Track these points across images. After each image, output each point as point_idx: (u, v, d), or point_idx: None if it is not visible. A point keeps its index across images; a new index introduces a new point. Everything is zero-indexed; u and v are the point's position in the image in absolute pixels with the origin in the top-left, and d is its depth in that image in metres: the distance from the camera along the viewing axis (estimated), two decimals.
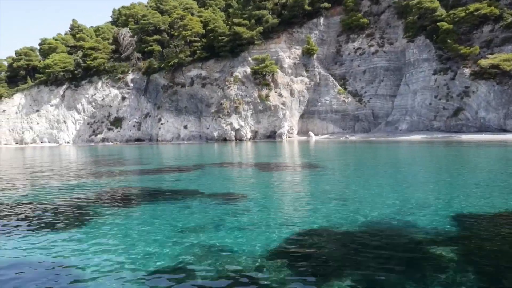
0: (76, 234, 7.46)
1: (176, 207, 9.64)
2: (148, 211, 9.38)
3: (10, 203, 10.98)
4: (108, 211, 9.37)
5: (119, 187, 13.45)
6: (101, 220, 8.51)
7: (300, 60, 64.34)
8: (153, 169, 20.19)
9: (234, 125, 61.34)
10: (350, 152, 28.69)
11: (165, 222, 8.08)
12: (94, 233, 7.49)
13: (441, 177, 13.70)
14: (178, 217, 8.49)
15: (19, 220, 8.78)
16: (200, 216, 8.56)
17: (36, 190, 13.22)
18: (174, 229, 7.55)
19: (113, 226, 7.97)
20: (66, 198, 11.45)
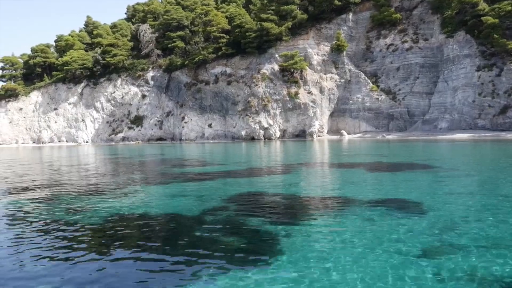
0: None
1: (380, 220, 7.75)
2: (354, 230, 7.49)
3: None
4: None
5: (266, 193, 11.56)
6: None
7: (329, 57, 62.48)
8: (246, 170, 18.23)
9: (263, 123, 59.45)
10: (419, 151, 26.83)
11: (387, 245, 6.07)
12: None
13: None
14: (399, 238, 6.44)
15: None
16: (417, 232, 6.61)
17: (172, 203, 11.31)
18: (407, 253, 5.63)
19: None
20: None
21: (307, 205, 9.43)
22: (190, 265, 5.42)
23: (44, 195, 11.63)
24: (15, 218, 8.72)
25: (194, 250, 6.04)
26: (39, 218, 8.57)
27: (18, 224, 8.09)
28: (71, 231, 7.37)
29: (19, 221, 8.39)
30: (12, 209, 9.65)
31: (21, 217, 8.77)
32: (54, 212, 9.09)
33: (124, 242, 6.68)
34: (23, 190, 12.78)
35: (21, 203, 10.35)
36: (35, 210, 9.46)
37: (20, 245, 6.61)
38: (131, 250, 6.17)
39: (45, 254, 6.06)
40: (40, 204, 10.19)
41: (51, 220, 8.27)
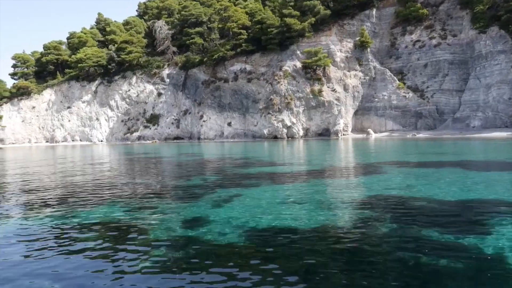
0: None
1: None
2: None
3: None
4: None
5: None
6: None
7: (352, 54, 60.86)
8: (326, 170, 16.58)
9: (286, 122, 57.81)
10: (474, 150, 25.21)
11: None
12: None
13: None
14: None
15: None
16: None
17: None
18: None
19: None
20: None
21: (469, 210, 7.79)
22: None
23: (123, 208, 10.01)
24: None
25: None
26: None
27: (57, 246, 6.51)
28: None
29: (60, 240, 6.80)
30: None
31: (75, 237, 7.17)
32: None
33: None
34: (67, 202, 11.16)
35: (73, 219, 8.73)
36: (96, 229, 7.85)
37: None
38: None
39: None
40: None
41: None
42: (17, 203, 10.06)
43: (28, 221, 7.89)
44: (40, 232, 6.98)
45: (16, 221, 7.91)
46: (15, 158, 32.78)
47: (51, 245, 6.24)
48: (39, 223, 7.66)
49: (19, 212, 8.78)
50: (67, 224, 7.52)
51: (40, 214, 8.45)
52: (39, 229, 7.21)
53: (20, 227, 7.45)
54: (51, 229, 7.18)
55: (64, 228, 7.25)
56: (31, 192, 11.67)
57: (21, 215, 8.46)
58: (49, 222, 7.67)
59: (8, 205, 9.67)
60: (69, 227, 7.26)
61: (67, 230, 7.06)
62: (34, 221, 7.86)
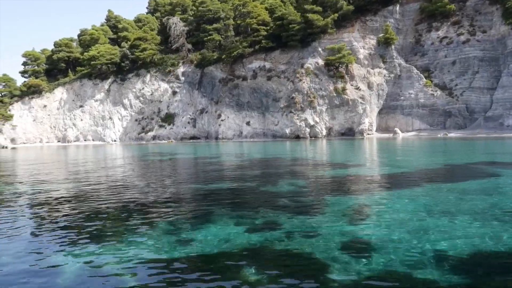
0: None
1: None
2: None
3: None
4: None
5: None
6: None
7: (376, 51, 59.08)
8: (412, 172, 14.71)
9: (309, 121, 55.96)
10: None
11: None
12: None
13: None
14: None
15: None
16: None
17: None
18: None
19: None
20: None
21: None
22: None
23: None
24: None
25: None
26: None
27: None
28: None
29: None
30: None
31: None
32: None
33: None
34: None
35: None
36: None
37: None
38: None
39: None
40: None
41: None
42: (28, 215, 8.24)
43: (38, 237, 6.48)
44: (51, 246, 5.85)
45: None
46: (27, 159, 30.91)
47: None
48: (50, 238, 6.40)
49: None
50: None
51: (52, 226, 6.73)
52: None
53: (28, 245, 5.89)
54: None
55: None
56: (40, 203, 9.85)
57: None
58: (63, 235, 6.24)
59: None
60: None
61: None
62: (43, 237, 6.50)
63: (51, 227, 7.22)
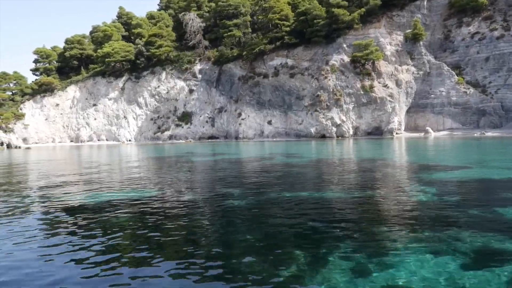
0: None
1: None
2: None
3: None
4: None
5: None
6: None
7: (403, 47, 56.90)
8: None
9: (336, 120, 53.78)
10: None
11: None
12: None
13: None
14: None
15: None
16: None
17: None
18: None
19: None
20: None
21: None
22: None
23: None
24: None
25: None
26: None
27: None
28: None
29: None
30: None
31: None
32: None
33: None
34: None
35: None
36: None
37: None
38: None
39: None
40: None
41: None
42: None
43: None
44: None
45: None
46: (47, 160, 28.70)
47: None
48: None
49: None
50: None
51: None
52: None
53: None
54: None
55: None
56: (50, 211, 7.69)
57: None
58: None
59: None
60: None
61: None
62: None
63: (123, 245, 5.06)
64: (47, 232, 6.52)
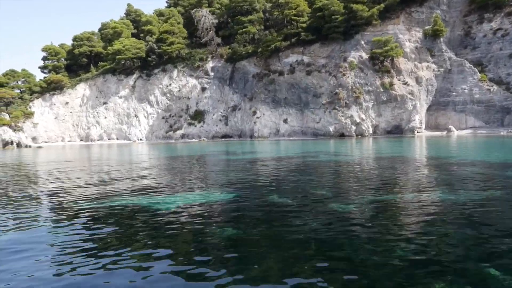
0: None
1: None
2: None
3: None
4: None
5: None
6: None
7: (422, 44, 55.62)
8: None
9: (355, 118, 52.49)
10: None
11: None
12: None
13: None
14: None
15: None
16: None
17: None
18: None
19: None
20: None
21: None
22: None
23: None
24: None
25: None
26: None
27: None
28: None
29: None
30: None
31: None
32: None
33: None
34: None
35: None
36: None
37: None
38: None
39: None
40: None
41: None
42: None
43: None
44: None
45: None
46: (57, 160, 27.36)
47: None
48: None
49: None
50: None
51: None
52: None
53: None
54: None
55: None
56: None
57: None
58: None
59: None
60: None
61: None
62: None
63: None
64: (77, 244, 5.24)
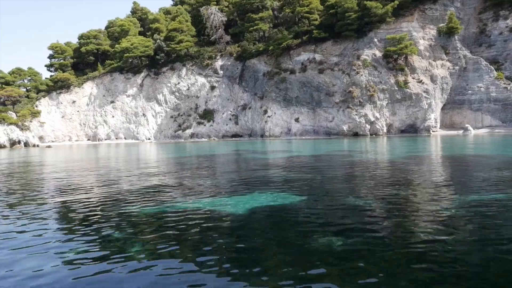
0: None
1: None
2: None
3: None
4: None
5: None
6: None
7: (436, 41, 54.81)
8: None
9: (369, 117, 51.64)
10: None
11: None
12: None
13: None
14: None
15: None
16: None
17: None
18: None
19: None
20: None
21: None
22: None
23: None
24: None
25: None
26: None
27: None
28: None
29: None
30: None
31: None
32: None
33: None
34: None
35: None
36: None
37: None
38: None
39: None
40: None
41: None
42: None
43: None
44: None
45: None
46: (72, 159, 26.46)
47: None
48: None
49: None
50: None
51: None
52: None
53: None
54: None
55: None
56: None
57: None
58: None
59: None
60: None
61: None
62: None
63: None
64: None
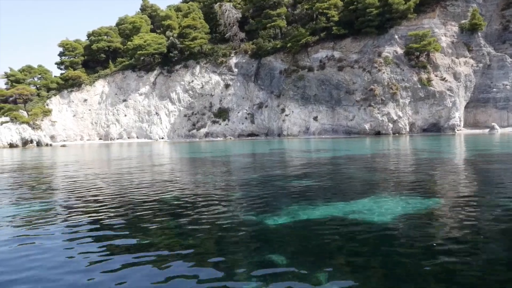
0: None
1: None
2: None
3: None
4: None
5: None
6: None
7: (459, 38, 53.62)
8: None
9: (392, 115, 50.40)
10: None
11: None
12: None
13: None
14: None
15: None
16: None
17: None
18: None
19: None
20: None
21: None
22: None
23: None
24: None
25: None
26: None
27: None
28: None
29: None
30: None
31: None
32: None
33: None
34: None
35: None
36: None
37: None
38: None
39: None
40: None
41: None
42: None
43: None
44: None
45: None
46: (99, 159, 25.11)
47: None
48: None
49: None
50: None
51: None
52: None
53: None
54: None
55: None
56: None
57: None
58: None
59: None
60: None
61: None
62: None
63: None
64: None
